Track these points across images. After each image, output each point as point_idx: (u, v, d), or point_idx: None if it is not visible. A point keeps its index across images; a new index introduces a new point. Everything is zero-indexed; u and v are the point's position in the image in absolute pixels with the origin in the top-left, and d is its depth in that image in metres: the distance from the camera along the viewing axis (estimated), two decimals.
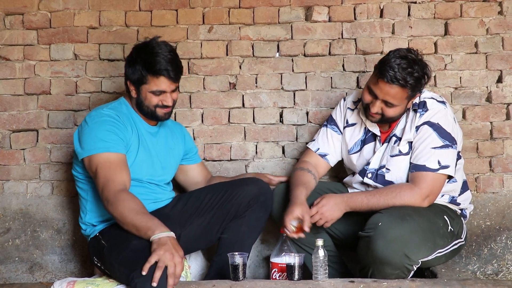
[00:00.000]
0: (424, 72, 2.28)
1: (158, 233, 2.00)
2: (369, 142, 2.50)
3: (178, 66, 2.37)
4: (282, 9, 2.97)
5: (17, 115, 2.97)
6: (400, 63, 2.23)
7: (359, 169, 2.52)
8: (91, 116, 2.35)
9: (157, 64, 2.31)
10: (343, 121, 2.60)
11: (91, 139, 2.27)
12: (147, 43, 2.38)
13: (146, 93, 2.36)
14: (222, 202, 2.47)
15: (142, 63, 2.33)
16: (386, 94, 2.27)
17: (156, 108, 2.38)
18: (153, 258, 1.91)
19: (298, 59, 2.97)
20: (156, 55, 2.32)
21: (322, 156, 2.60)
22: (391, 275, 2.18)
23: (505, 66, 2.91)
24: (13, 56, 2.98)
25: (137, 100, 2.40)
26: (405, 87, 2.24)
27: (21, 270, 2.81)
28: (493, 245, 2.74)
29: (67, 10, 2.99)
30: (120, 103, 2.46)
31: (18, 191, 2.94)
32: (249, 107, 2.97)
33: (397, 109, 2.33)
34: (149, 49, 2.34)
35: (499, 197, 2.87)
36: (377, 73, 2.29)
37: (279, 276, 2.32)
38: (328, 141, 2.60)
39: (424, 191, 2.29)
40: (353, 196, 2.37)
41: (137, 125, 2.44)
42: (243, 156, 2.97)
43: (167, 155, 2.53)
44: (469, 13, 2.93)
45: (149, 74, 2.32)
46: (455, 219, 2.39)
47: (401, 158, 2.38)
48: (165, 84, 2.34)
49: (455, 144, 2.35)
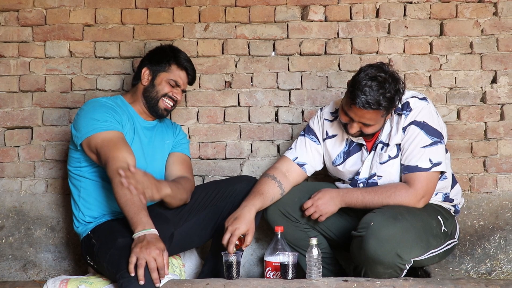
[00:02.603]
0: (396, 89, 2.24)
1: (138, 232, 2.03)
2: (354, 152, 2.47)
3: (194, 76, 2.57)
4: (278, 8, 2.97)
5: (12, 112, 2.96)
6: (371, 86, 2.19)
7: (348, 178, 2.51)
8: (87, 103, 2.39)
9: (183, 61, 2.51)
10: (322, 132, 2.55)
11: (87, 122, 2.29)
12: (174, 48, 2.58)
13: (162, 80, 2.47)
14: (216, 200, 2.49)
15: (169, 54, 2.50)
16: (361, 117, 2.26)
17: (163, 97, 2.47)
18: (132, 258, 1.95)
19: (294, 58, 2.97)
20: (185, 56, 2.55)
21: (300, 165, 2.54)
22: (383, 274, 2.19)
23: (500, 67, 2.92)
24: (8, 53, 2.97)
25: (147, 87, 2.48)
26: (379, 110, 2.23)
27: (14, 268, 2.80)
28: (486, 244, 2.76)
29: (62, 7, 2.98)
30: (116, 98, 2.50)
31: (12, 188, 2.93)
32: (245, 105, 2.97)
33: (376, 127, 2.32)
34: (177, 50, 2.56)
35: (493, 197, 2.88)
36: (349, 98, 2.26)
37: (273, 275, 2.32)
38: (306, 151, 2.55)
39: (419, 192, 2.29)
40: (349, 191, 2.38)
41: (133, 118, 2.46)
42: (238, 154, 2.97)
43: (161, 148, 2.53)
44: (464, 14, 2.94)
45: (174, 63, 2.48)
46: (448, 219, 2.40)
47: (391, 163, 2.37)
48: (182, 80, 2.50)
49: (443, 138, 2.36)
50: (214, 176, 2.95)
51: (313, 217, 2.34)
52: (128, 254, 1.97)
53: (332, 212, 2.35)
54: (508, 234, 2.79)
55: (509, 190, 2.88)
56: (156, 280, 1.95)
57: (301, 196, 2.49)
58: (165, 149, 2.56)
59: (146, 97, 2.48)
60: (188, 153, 2.64)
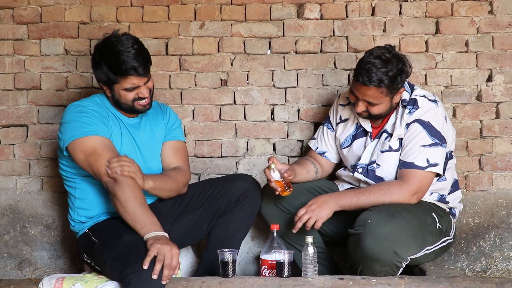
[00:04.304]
0: (399, 69, 2.29)
1: (155, 232, 2.06)
2: (359, 137, 2.52)
3: (145, 58, 2.27)
4: (274, 6, 2.97)
5: (7, 110, 2.95)
6: (374, 63, 2.26)
7: (350, 164, 2.54)
8: (69, 107, 2.35)
9: (122, 64, 2.21)
10: (336, 117, 2.63)
11: (73, 126, 2.26)
12: (107, 40, 2.27)
13: (120, 91, 2.30)
14: (212, 198, 2.48)
15: (107, 65, 2.24)
16: (364, 95, 2.32)
17: (134, 102, 2.33)
18: (152, 252, 1.96)
19: (290, 56, 2.97)
20: (119, 53, 2.22)
21: (321, 154, 2.65)
22: (380, 272, 2.19)
23: (495, 65, 2.92)
24: (3, 50, 2.95)
25: (113, 99, 2.35)
26: (380, 87, 2.27)
27: (9, 266, 2.80)
28: (481, 242, 2.76)
29: (57, 5, 2.97)
30: (95, 97, 2.42)
31: (7, 186, 2.93)
32: (240, 104, 2.97)
33: (381, 107, 2.35)
34: (110, 47, 2.24)
35: (488, 195, 2.89)
36: (354, 75, 2.34)
37: (269, 273, 2.32)
38: (324, 139, 2.65)
39: (412, 187, 2.30)
40: (342, 194, 2.38)
41: (118, 119, 2.40)
42: (234, 153, 2.97)
43: (154, 144, 2.48)
44: (460, 12, 2.94)
45: (116, 76, 2.24)
46: (443, 217, 2.41)
47: (391, 154, 2.39)
48: (136, 80, 2.28)
49: (445, 143, 2.36)
50: (210, 174, 2.94)
51: (308, 223, 2.30)
52: (136, 251, 1.99)
53: (327, 216, 2.32)
54: (503, 232, 2.79)
55: (505, 188, 2.88)
56: (167, 277, 1.96)
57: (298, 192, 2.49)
58: (158, 142, 2.50)
59: (119, 107, 2.37)
60: (181, 137, 2.56)
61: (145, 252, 1.98)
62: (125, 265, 1.98)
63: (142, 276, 1.92)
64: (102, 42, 2.30)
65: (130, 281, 1.93)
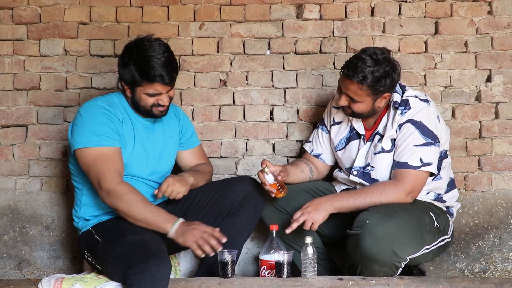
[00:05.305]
0: (386, 71, 2.30)
1: (170, 229, 2.15)
2: (353, 139, 2.53)
3: (173, 68, 2.30)
4: (273, 7, 2.97)
5: (6, 111, 2.95)
6: (364, 59, 2.29)
7: (345, 166, 2.54)
8: (85, 107, 2.34)
9: (151, 70, 2.23)
10: (330, 119, 2.63)
11: (84, 132, 2.27)
12: (139, 43, 2.29)
13: (141, 95, 2.32)
14: (215, 200, 2.46)
15: (135, 67, 2.26)
16: (347, 88, 2.34)
17: (153, 107, 2.35)
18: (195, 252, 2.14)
19: (289, 56, 2.97)
20: (150, 59, 2.24)
21: (316, 156, 2.66)
22: (379, 273, 2.19)
23: (494, 66, 2.93)
24: (2, 51, 2.95)
25: (133, 100, 2.36)
26: (362, 84, 2.29)
27: (9, 267, 2.80)
28: (481, 243, 2.77)
29: (57, 5, 2.97)
30: (115, 96, 2.43)
31: (7, 187, 2.92)
32: (240, 104, 2.97)
33: (362, 106, 2.36)
34: (142, 51, 2.26)
35: (488, 196, 2.89)
36: (342, 66, 2.37)
37: (268, 273, 2.32)
38: (319, 142, 2.66)
39: (407, 186, 2.31)
40: (338, 196, 2.38)
41: (132, 119, 2.41)
42: (233, 153, 2.97)
43: (165, 146, 2.49)
44: (459, 13, 2.94)
45: (142, 80, 2.26)
46: (440, 216, 2.41)
47: (384, 156, 2.40)
48: (161, 88, 2.30)
49: (438, 142, 2.37)
50: None
51: (305, 226, 2.28)
52: (139, 251, 2.00)
53: (323, 218, 2.31)
54: (502, 232, 2.80)
55: (504, 188, 2.89)
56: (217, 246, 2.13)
57: (296, 193, 2.50)
58: (170, 145, 2.51)
59: (137, 109, 2.39)
60: (197, 141, 2.66)
61: (148, 253, 1.99)
62: (128, 266, 1.97)
63: (145, 278, 1.91)
64: (134, 43, 2.32)
65: (133, 282, 1.92)
